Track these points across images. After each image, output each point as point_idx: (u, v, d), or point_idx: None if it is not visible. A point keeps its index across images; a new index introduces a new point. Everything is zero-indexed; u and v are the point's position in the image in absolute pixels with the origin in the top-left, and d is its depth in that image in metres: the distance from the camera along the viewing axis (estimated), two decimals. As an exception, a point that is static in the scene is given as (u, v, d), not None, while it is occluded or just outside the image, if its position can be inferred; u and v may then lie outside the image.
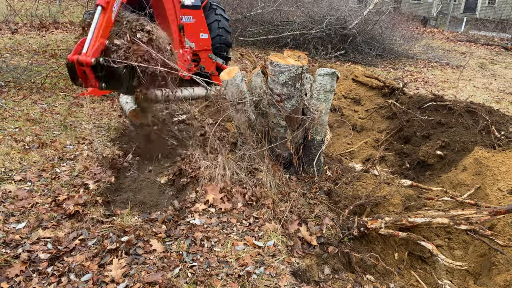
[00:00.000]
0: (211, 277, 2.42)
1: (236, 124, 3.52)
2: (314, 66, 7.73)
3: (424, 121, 4.92)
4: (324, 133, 3.62)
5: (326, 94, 3.41)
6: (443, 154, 4.48)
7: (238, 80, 3.30)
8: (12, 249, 2.47)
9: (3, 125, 4.19)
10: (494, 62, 11.94)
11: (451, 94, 7.18)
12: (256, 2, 11.17)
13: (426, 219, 2.99)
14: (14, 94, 5.05)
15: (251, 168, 3.44)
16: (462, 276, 3.16)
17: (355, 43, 10.73)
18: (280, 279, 2.48)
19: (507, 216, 3.21)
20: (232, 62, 7.98)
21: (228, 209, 3.07)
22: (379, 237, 3.19)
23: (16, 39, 8.34)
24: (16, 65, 6.16)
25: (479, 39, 17.15)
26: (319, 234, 2.96)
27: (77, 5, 14.78)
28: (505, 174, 3.74)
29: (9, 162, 3.50)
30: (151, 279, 2.32)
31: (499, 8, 24.14)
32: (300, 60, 3.31)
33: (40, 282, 2.25)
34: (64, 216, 2.86)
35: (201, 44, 5.77)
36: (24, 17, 9.98)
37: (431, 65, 10.76)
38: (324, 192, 3.42)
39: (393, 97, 5.65)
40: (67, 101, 5.23)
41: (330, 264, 2.77)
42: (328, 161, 3.93)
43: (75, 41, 3.52)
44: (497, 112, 4.89)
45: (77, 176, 3.43)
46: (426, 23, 21.69)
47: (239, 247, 2.71)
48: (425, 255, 3.25)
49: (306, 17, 10.80)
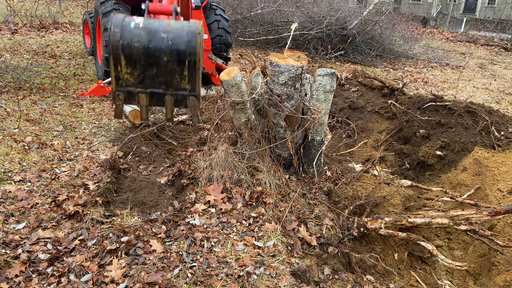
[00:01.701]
0: (211, 278, 2.42)
1: (236, 124, 3.52)
2: (314, 67, 7.74)
3: (424, 121, 4.92)
4: (324, 133, 3.62)
5: (326, 95, 3.41)
6: (443, 155, 4.49)
7: (238, 80, 3.30)
8: (11, 249, 2.47)
9: (3, 125, 4.19)
10: (494, 63, 11.95)
11: (451, 95, 7.18)
12: (256, 2, 11.17)
13: (426, 219, 2.99)
14: (14, 94, 5.05)
15: (251, 168, 3.44)
16: (462, 277, 3.16)
17: (355, 44, 10.73)
18: (280, 280, 2.48)
19: (507, 216, 3.21)
20: (232, 63, 7.98)
21: (228, 210, 3.07)
22: (379, 237, 3.19)
23: (16, 40, 8.35)
24: (16, 65, 6.16)
25: (479, 40, 17.16)
26: (319, 234, 2.96)
27: (77, 6, 14.79)
28: (505, 174, 3.74)
29: (9, 162, 3.50)
30: (151, 279, 2.32)
31: (498, 9, 24.16)
32: (300, 60, 3.32)
33: (40, 282, 2.25)
34: (64, 216, 2.86)
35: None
36: (24, 17, 9.98)
37: (431, 66, 10.77)
38: (324, 193, 3.42)
39: (393, 98, 5.66)
40: (67, 101, 5.23)
41: (330, 264, 2.77)
42: (328, 161, 3.93)
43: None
44: (497, 112, 4.89)
45: (77, 177, 3.43)
46: (426, 24, 21.69)
47: (239, 248, 2.71)
48: (425, 256, 3.25)
49: (306, 18, 10.80)
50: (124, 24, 2.16)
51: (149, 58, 2.19)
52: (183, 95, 2.31)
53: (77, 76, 6.44)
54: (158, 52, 2.18)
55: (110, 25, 2.15)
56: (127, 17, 2.22)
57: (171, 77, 2.26)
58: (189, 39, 2.17)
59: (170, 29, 2.20)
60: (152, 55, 2.19)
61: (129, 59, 2.18)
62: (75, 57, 7.67)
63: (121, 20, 2.17)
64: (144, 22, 2.20)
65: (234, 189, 3.26)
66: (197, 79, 2.28)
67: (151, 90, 2.28)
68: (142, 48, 2.16)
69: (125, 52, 2.16)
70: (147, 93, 2.29)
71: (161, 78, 2.26)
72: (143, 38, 2.16)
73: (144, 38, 2.16)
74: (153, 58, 2.20)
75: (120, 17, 2.19)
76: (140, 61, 2.19)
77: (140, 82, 2.26)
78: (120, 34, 2.14)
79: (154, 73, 2.24)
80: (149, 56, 2.19)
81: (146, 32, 2.17)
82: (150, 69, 2.22)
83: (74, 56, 7.69)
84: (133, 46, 2.15)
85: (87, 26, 7.63)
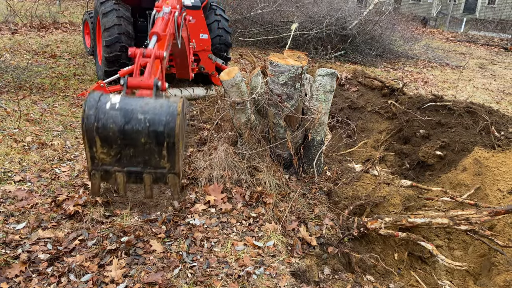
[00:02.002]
0: (211, 278, 2.42)
1: (236, 124, 3.52)
2: (314, 67, 7.74)
3: (424, 121, 4.92)
4: (324, 133, 3.63)
5: (326, 95, 3.41)
6: (443, 155, 4.49)
7: (238, 80, 3.30)
8: (11, 249, 2.47)
9: (3, 125, 4.19)
10: (494, 63, 11.95)
11: (451, 95, 7.18)
12: (256, 2, 11.17)
13: (426, 219, 2.99)
14: (14, 94, 5.05)
15: (251, 168, 3.45)
16: (462, 277, 3.16)
17: (355, 44, 10.73)
18: (280, 280, 2.48)
19: (507, 216, 3.21)
20: (232, 63, 7.98)
21: (228, 210, 3.07)
22: (379, 237, 3.19)
23: (16, 40, 8.35)
24: (16, 65, 6.16)
25: (479, 40, 17.16)
26: (319, 234, 2.96)
27: (76, 6, 14.79)
28: (505, 174, 3.74)
29: (9, 162, 3.50)
30: (151, 279, 2.32)
31: (498, 9, 24.15)
32: (300, 60, 3.32)
33: (39, 282, 2.25)
34: (64, 216, 2.86)
35: (201, 45, 5.78)
36: (24, 17, 9.98)
37: (431, 66, 10.77)
38: (324, 193, 3.42)
39: (393, 98, 5.66)
40: (67, 101, 5.23)
41: (330, 264, 2.77)
42: (328, 161, 3.93)
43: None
44: (497, 112, 4.89)
45: (77, 177, 3.43)
46: (426, 24, 21.68)
47: (239, 248, 2.71)
48: (425, 256, 3.25)
49: (306, 18, 10.80)
50: (99, 105, 2.06)
51: (125, 139, 2.10)
52: (162, 173, 2.21)
53: (77, 76, 6.44)
54: (135, 133, 2.08)
55: (84, 106, 2.05)
56: (103, 95, 2.12)
57: (149, 156, 2.16)
58: (167, 121, 2.07)
59: (148, 109, 2.10)
60: (129, 137, 2.09)
61: (105, 140, 2.09)
62: (75, 57, 7.67)
63: (96, 101, 2.07)
64: (121, 103, 2.10)
65: (234, 189, 3.26)
66: (177, 157, 2.17)
67: (128, 169, 2.18)
68: (118, 130, 2.06)
69: (100, 134, 2.07)
70: (125, 172, 2.19)
71: (139, 158, 2.16)
72: (119, 119, 2.05)
73: (120, 119, 2.05)
74: (130, 139, 2.10)
75: (95, 97, 2.09)
76: (116, 141, 2.10)
77: (117, 161, 2.16)
78: (95, 117, 2.04)
79: (132, 152, 2.14)
80: (125, 138, 2.09)
81: (123, 113, 2.07)
82: (127, 149, 2.13)
83: (74, 56, 7.69)
84: (108, 128, 2.05)
85: (87, 26, 7.63)
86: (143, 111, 2.10)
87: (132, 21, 5.72)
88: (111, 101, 2.10)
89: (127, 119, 2.07)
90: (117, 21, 5.44)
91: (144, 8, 6.16)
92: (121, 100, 2.12)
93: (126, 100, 2.14)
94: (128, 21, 5.59)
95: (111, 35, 5.41)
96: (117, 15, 5.46)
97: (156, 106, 2.12)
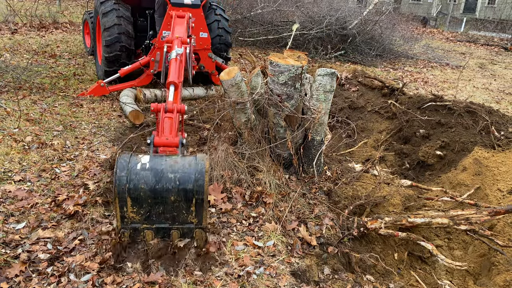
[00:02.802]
0: (211, 277, 2.42)
1: (236, 124, 3.52)
2: (314, 66, 7.73)
3: (424, 121, 4.92)
4: (324, 133, 3.62)
5: (326, 94, 3.41)
6: (442, 154, 4.49)
7: (238, 80, 3.30)
8: (11, 249, 2.47)
9: (3, 125, 4.19)
10: (493, 63, 11.95)
11: (450, 94, 7.18)
12: (256, 2, 11.16)
13: (426, 219, 2.99)
14: (14, 94, 5.05)
15: (251, 168, 3.45)
16: (462, 276, 3.16)
17: (355, 43, 10.73)
18: (280, 279, 2.48)
19: (506, 216, 3.21)
20: (232, 62, 7.98)
21: (228, 209, 3.07)
22: (379, 237, 3.19)
23: (16, 39, 8.35)
24: (16, 65, 6.16)
25: (479, 39, 17.16)
26: (319, 234, 2.96)
27: (76, 5, 14.79)
28: (505, 174, 3.74)
29: (8, 162, 3.50)
30: (150, 279, 2.32)
31: (498, 9, 24.16)
32: (300, 60, 3.31)
33: (39, 282, 2.25)
34: (64, 216, 2.86)
35: (201, 43, 5.78)
36: (24, 17, 9.98)
37: (430, 65, 10.77)
38: (324, 192, 3.42)
39: (392, 97, 5.65)
40: (67, 101, 5.23)
41: (330, 264, 2.77)
42: (328, 161, 3.93)
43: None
44: (496, 112, 4.89)
45: (77, 176, 3.43)
46: (426, 23, 21.68)
47: (239, 247, 2.71)
48: (425, 255, 3.25)
49: (306, 17, 10.80)
50: (130, 167, 2.14)
51: (155, 198, 2.18)
52: (189, 228, 2.33)
53: (77, 76, 6.44)
54: (166, 192, 2.18)
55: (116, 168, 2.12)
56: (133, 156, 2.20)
57: (178, 213, 2.26)
58: (196, 178, 2.18)
59: (178, 168, 2.19)
60: (159, 195, 2.18)
61: (136, 200, 2.17)
62: (75, 57, 7.67)
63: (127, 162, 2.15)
64: (151, 162, 2.18)
65: (234, 189, 3.26)
66: (205, 213, 2.28)
67: (157, 226, 2.29)
68: (149, 190, 2.15)
69: (131, 195, 2.15)
70: (153, 229, 2.29)
71: (168, 214, 2.26)
72: (150, 180, 2.15)
73: (151, 180, 2.14)
74: (160, 198, 2.19)
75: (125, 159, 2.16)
76: (147, 200, 2.19)
77: (146, 219, 2.26)
78: (127, 178, 2.12)
79: (161, 210, 2.24)
80: (156, 196, 2.18)
81: (153, 173, 2.16)
82: (157, 207, 2.22)
83: (74, 56, 7.69)
84: (139, 188, 2.15)
85: (87, 26, 7.63)
86: (173, 170, 2.18)
87: (132, 21, 5.72)
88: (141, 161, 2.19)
89: (158, 179, 2.16)
90: (117, 21, 5.44)
91: (144, 8, 6.17)
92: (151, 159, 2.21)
93: (156, 160, 2.23)
94: (128, 21, 5.59)
95: (111, 35, 5.41)
96: (117, 15, 5.47)
97: (184, 164, 2.21)
